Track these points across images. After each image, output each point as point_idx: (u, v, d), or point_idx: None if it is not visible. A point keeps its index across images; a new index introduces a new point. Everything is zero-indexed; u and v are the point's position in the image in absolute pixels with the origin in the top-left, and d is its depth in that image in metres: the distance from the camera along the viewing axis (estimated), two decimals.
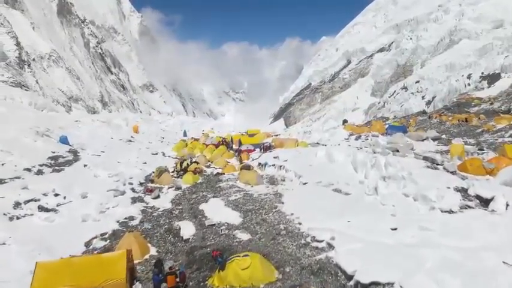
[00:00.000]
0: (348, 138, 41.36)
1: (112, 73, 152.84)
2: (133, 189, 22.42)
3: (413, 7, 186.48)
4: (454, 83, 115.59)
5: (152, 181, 24.38)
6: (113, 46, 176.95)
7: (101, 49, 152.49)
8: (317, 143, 35.85)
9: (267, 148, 37.98)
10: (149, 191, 21.88)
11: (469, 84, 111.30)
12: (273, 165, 27.70)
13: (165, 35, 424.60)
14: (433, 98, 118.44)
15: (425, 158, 18.41)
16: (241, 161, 34.42)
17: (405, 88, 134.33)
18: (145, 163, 32.54)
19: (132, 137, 47.84)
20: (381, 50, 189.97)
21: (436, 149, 27.42)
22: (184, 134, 64.94)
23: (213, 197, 18.40)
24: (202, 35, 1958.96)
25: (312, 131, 51.38)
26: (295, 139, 39.12)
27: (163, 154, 39.62)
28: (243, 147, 40.78)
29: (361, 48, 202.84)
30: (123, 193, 21.20)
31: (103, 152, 34.56)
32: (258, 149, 39.69)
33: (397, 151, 23.36)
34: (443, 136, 34.61)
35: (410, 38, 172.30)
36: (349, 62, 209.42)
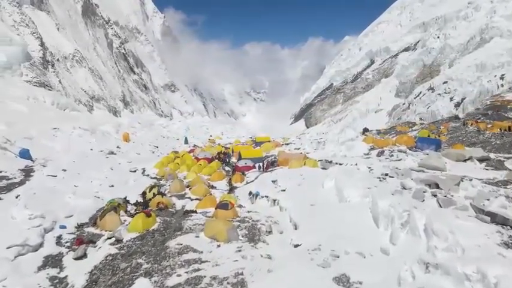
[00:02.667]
0: (368, 154, 34.03)
1: (134, 73, 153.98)
2: (59, 239, 15.80)
3: (441, 5, 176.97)
4: (486, 83, 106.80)
5: (95, 223, 17.71)
6: (135, 46, 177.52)
7: (124, 49, 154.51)
8: (330, 161, 28.74)
9: (268, 166, 31.33)
10: (79, 242, 15.27)
11: (502, 85, 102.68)
12: (267, 197, 21.03)
13: (187, 35, 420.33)
14: (463, 99, 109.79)
15: (492, 218, 11.11)
16: (231, 185, 27.79)
17: (432, 89, 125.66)
18: (112, 186, 26.10)
19: (118, 147, 41.48)
20: (406, 50, 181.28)
21: (488, 177, 20.15)
22: (186, 142, 58.48)
23: (146, 273, 11.37)
24: (224, 35, 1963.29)
25: (327, 141, 44.10)
26: (303, 155, 32.01)
27: (143, 172, 32.70)
28: (241, 163, 34.13)
29: (385, 48, 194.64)
30: (36, 249, 14.36)
31: (64, 170, 27.87)
32: (257, 165, 33.19)
33: (437, 186, 16.22)
34: (492, 155, 26.90)
35: (438, 37, 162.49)
36: (372, 62, 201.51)
